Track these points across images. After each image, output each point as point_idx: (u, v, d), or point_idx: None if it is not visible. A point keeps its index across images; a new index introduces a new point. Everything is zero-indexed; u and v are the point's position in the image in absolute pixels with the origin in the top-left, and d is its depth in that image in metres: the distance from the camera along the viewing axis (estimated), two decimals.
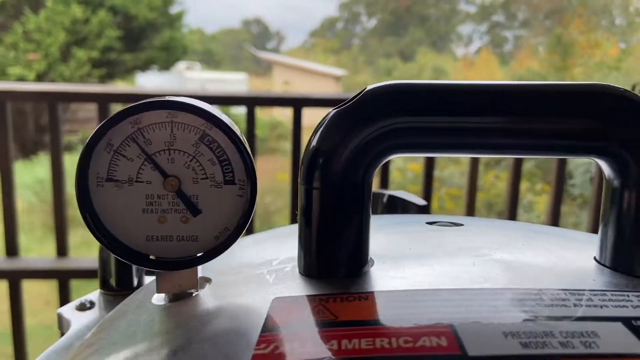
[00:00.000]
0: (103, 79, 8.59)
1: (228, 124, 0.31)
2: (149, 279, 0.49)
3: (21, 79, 7.43)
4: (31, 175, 5.77)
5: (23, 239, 1.74)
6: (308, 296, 0.30)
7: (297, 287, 0.31)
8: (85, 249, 4.84)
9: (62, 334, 0.43)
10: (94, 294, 0.48)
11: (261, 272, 0.34)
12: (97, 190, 0.31)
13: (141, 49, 9.10)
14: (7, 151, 1.55)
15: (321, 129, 0.32)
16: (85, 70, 8.05)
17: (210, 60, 21.72)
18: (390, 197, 0.55)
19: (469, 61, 17.35)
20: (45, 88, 1.52)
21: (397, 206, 0.56)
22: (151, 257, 0.32)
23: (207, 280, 0.34)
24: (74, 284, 1.70)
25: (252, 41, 28.74)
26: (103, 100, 1.54)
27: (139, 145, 0.31)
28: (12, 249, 1.64)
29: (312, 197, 0.32)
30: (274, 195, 5.46)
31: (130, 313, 0.34)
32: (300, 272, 0.33)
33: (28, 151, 6.91)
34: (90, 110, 7.71)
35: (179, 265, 0.32)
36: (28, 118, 7.38)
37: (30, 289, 2.01)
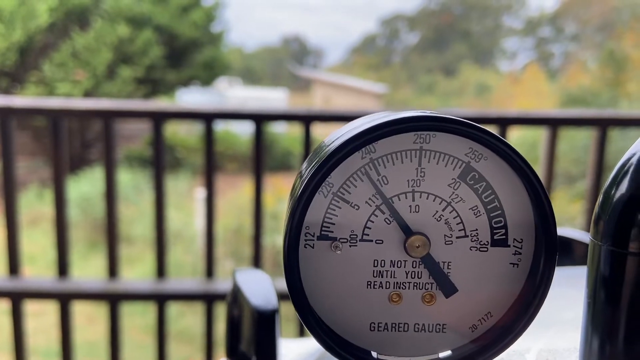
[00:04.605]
0: (147, 97, 8.72)
1: (514, 150, 0.20)
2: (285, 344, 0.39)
3: (69, 96, 7.59)
4: (77, 191, 5.83)
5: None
6: None
7: None
8: (129, 267, 4.85)
9: None
10: None
11: None
12: (305, 252, 0.19)
13: (184, 67, 9.23)
14: (61, 168, 1.51)
15: (632, 169, 0.22)
16: (130, 88, 8.18)
17: (250, 77, 21.98)
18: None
19: (515, 77, 17.04)
20: (99, 105, 1.48)
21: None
22: (375, 355, 0.21)
23: None
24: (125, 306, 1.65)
25: (291, 58, 29.02)
26: (158, 118, 1.49)
27: (373, 184, 0.20)
28: (63, 269, 1.58)
29: (626, 265, 0.22)
30: None
31: None
32: None
33: (74, 167, 7.02)
34: (131, 129, 7.82)
35: None
36: (73, 134, 7.52)
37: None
